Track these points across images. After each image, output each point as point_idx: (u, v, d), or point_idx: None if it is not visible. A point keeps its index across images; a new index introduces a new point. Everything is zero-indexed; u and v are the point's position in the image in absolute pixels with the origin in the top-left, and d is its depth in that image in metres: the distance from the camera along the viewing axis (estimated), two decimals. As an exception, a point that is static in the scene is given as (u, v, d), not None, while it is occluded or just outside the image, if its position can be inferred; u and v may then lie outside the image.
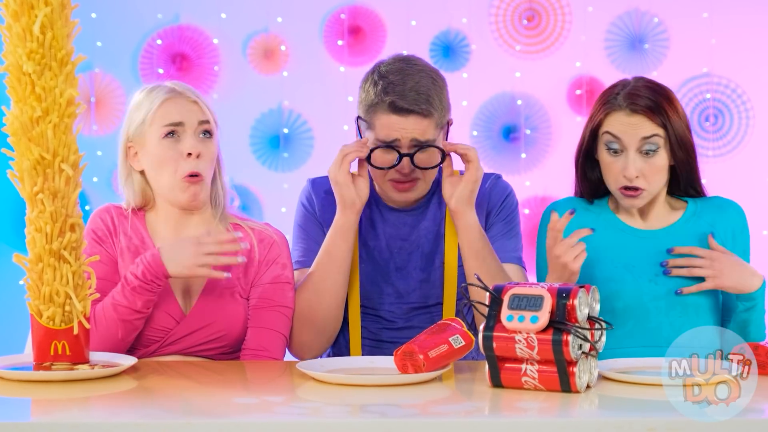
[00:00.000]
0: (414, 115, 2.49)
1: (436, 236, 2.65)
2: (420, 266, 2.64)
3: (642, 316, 2.53)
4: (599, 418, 1.85)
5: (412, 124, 2.49)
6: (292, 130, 4.51)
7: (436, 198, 2.67)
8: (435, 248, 2.65)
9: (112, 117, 4.46)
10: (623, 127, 2.51)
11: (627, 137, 2.50)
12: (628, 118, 2.51)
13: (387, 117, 2.50)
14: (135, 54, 4.48)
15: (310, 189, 2.71)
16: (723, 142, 4.48)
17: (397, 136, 2.50)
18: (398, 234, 2.65)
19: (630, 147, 2.50)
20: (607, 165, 2.54)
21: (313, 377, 2.08)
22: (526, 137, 4.51)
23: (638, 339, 2.51)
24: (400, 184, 2.56)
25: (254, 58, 4.51)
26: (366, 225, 2.66)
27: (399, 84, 2.50)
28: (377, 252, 2.65)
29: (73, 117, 2.17)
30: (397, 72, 2.53)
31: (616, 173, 2.52)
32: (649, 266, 2.55)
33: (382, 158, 2.53)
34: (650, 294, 2.53)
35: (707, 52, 4.46)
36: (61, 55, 2.14)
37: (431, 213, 2.66)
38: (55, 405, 1.94)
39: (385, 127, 2.50)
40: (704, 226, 2.58)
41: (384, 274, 2.64)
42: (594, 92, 4.42)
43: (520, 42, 4.51)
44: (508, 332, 1.97)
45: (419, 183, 2.57)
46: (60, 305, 2.15)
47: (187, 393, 2.09)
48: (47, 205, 2.14)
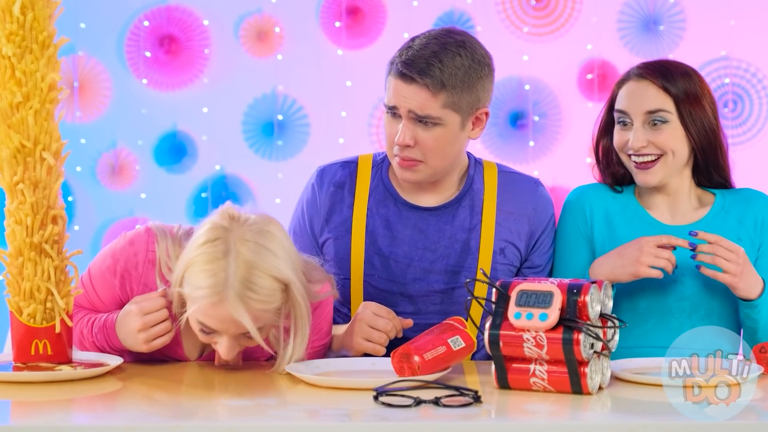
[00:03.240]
0: (416, 85, 2.37)
1: (465, 247, 2.50)
2: (443, 279, 2.49)
3: (664, 316, 2.53)
4: (612, 422, 1.85)
5: (412, 94, 2.38)
6: (286, 117, 4.49)
7: (468, 200, 2.52)
8: (463, 261, 2.50)
9: (96, 103, 4.45)
10: (630, 93, 2.52)
11: (633, 106, 2.50)
12: (636, 84, 2.52)
13: (394, 80, 2.41)
14: (121, 36, 4.47)
15: (315, 183, 2.58)
16: (743, 129, 4.47)
17: (396, 103, 2.40)
18: (420, 240, 2.50)
19: (636, 117, 2.50)
20: (618, 135, 2.54)
21: (303, 380, 2.08)
22: (534, 124, 4.50)
23: (657, 339, 2.50)
24: (401, 161, 2.43)
25: (247, 41, 4.49)
26: (381, 227, 2.51)
27: (417, 49, 2.40)
28: (394, 260, 2.50)
29: (55, 103, 2.16)
30: (428, 37, 2.43)
31: (621, 143, 2.52)
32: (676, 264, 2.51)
33: (390, 128, 2.44)
34: (675, 294, 2.52)
35: (726, 33, 4.44)
36: (42, 37, 2.13)
37: (461, 217, 2.51)
38: (36, 408, 1.93)
39: (390, 89, 2.42)
40: (733, 223, 2.56)
41: (401, 285, 2.50)
42: (606, 76, 4.41)
43: (528, 23, 4.49)
44: (516, 331, 1.97)
45: (420, 166, 2.43)
46: (41, 302, 2.15)
47: (176, 395, 2.08)
48: (28, 195, 2.13)
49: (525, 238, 2.53)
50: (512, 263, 2.53)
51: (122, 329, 2.25)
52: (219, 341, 2.18)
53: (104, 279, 2.33)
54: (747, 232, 2.55)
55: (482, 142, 4.41)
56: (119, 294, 2.31)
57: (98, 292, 2.34)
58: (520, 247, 2.53)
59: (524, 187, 2.56)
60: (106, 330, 2.28)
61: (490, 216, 2.51)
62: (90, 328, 2.30)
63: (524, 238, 2.53)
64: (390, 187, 2.53)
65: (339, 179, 2.55)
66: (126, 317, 2.24)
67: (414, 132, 2.40)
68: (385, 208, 2.52)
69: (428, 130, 2.40)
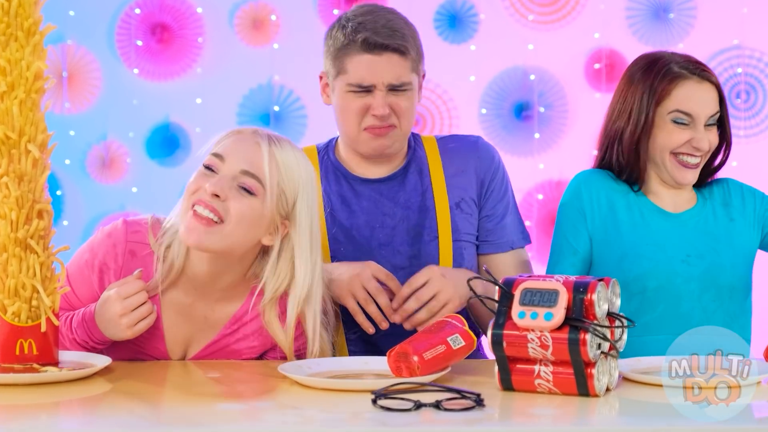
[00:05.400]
0: (389, 52, 2.52)
1: (421, 208, 2.64)
2: (407, 241, 2.63)
3: (673, 300, 2.58)
4: (620, 426, 1.85)
5: (387, 64, 2.52)
6: (283, 108, 4.49)
7: (415, 167, 2.67)
8: (422, 221, 2.64)
9: (86, 93, 4.44)
10: (694, 95, 2.58)
11: (698, 108, 2.58)
12: (699, 86, 2.59)
13: (359, 57, 2.53)
14: (111, 24, 4.46)
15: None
16: (756, 120, 4.46)
17: (373, 82, 2.52)
18: (377, 208, 2.64)
19: (700, 119, 2.58)
20: (673, 135, 2.58)
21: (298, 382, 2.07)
22: (539, 116, 4.49)
23: (668, 326, 2.55)
24: (378, 129, 2.57)
25: (242, 29, 4.49)
26: (337, 204, 2.65)
27: (371, 22, 2.54)
28: (356, 231, 2.63)
29: (41, 92, 2.16)
30: (366, 13, 2.57)
31: (681, 142, 2.58)
32: (681, 246, 2.60)
33: (356, 104, 2.55)
34: (683, 275, 2.58)
35: (738, 22, 4.44)
36: (28, 24, 2.13)
37: (411, 183, 2.66)
38: (20, 411, 1.92)
39: (360, 68, 2.53)
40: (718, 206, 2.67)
41: (367, 253, 2.61)
42: (614, 66, 4.41)
43: (533, 11, 4.49)
44: (520, 330, 1.96)
45: (394, 131, 2.57)
46: (26, 300, 2.13)
47: (165, 398, 2.08)
48: (12, 189, 2.12)
49: (476, 187, 2.67)
50: (471, 214, 2.67)
51: (103, 318, 2.25)
52: None
53: (82, 275, 2.34)
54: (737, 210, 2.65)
55: (486, 134, 4.41)
56: (97, 290, 2.32)
57: (76, 290, 2.35)
58: (474, 197, 2.67)
59: (464, 145, 2.72)
60: (86, 323, 2.27)
61: (438, 179, 2.67)
62: (69, 325, 2.30)
63: (475, 187, 2.67)
64: (339, 166, 2.68)
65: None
66: (105, 305, 2.25)
67: (388, 100, 2.54)
68: (338, 186, 2.66)
69: (400, 95, 2.56)
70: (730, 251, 2.62)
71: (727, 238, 2.63)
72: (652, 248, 2.60)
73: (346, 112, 2.58)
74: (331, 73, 2.59)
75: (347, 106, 2.56)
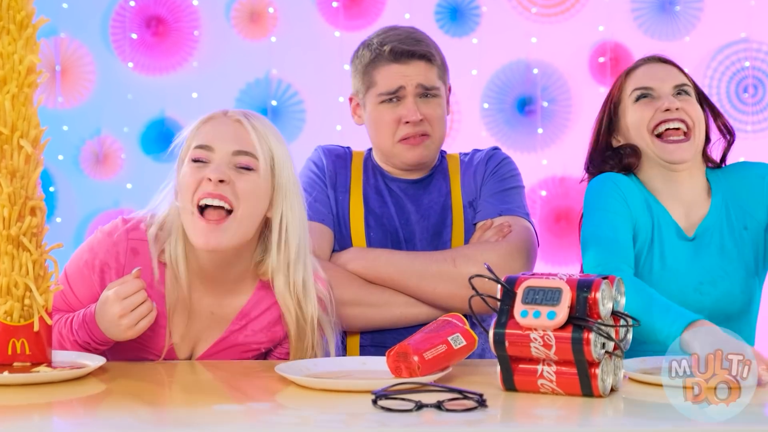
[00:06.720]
0: (416, 59, 2.69)
1: (443, 209, 2.79)
2: (427, 239, 2.77)
3: None
4: (625, 427, 1.85)
5: (415, 70, 2.69)
6: (281, 102, 4.49)
7: (440, 172, 2.83)
8: (442, 222, 2.78)
9: (79, 88, 4.44)
10: (648, 72, 2.62)
11: (656, 80, 2.60)
12: (652, 65, 2.63)
13: (388, 67, 2.70)
14: (105, 17, 4.46)
15: (320, 153, 2.84)
16: (764, 115, 4.46)
17: (402, 83, 2.68)
18: (404, 204, 2.79)
19: (662, 88, 2.59)
20: (638, 112, 2.60)
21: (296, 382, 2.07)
22: (543, 110, 4.49)
23: None
24: (412, 139, 2.71)
25: (239, 22, 4.49)
26: (373, 194, 2.80)
27: (395, 35, 2.72)
28: (386, 219, 2.78)
29: (34, 87, 2.16)
30: (389, 30, 2.76)
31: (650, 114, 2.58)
32: (695, 273, 2.56)
33: (388, 115, 2.70)
34: (695, 306, 2.50)
35: (746, 14, 4.44)
36: (20, 17, 2.13)
37: (436, 186, 2.81)
38: (13, 411, 1.92)
39: (388, 76, 2.69)
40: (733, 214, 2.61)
41: (394, 242, 2.76)
42: (619, 60, 4.41)
43: (536, 3, 4.48)
44: (523, 330, 1.96)
45: (428, 140, 2.73)
46: (19, 299, 2.13)
47: (162, 399, 2.08)
48: (4, 185, 2.12)
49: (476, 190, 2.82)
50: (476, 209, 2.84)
51: (103, 319, 2.25)
52: None
53: (82, 276, 2.34)
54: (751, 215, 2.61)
55: (488, 129, 4.41)
56: (99, 290, 2.32)
57: (76, 292, 2.35)
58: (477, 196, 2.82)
59: (479, 155, 2.86)
60: (87, 324, 2.28)
61: (456, 183, 2.83)
62: (69, 327, 2.30)
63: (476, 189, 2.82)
64: (377, 167, 2.84)
65: (339, 152, 2.85)
66: (104, 306, 2.25)
67: (419, 107, 2.69)
68: (375, 179, 2.83)
69: (429, 102, 2.71)
70: (742, 270, 2.58)
71: (739, 256, 2.58)
72: (667, 274, 2.56)
73: (379, 125, 2.72)
74: (361, 91, 2.73)
75: (380, 118, 2.71)
